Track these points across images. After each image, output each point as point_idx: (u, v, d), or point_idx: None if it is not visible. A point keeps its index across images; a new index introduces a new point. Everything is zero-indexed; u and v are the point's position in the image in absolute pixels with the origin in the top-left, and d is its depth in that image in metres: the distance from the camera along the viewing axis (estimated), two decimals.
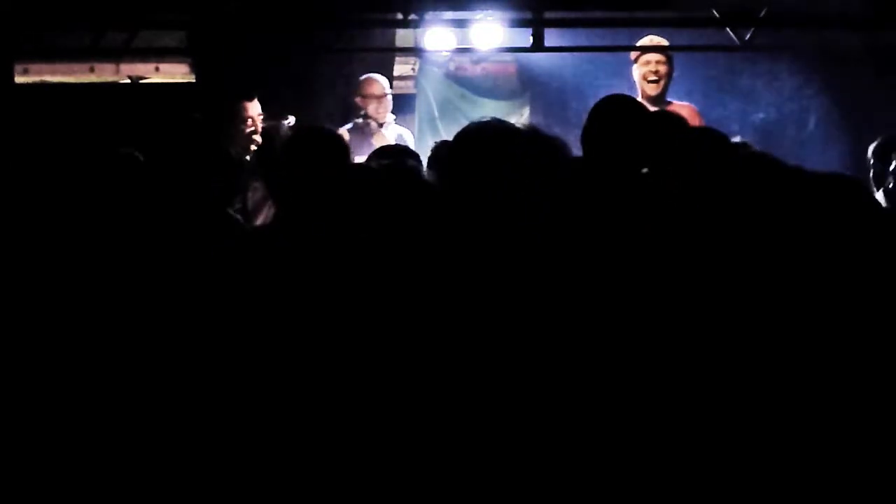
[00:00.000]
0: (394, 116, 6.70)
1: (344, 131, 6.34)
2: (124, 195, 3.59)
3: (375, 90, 6.59)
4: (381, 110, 6.56)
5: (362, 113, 6.56)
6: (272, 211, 5.32)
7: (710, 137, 3.49)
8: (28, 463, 3.08)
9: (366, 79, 6.69)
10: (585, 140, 3.56)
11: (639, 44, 6.33)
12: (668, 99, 6.18)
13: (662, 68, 6.10)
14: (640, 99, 5.70)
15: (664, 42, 6.34)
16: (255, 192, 5.72)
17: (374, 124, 6.50)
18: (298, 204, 3.63)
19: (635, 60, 6.25)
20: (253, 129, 6.10)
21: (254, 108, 6.16)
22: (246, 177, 5.62)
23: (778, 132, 6.96)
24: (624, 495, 2.73)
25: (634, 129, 3.48)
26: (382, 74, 6.82)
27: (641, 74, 6.13)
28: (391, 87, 7.32)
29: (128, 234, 3.44)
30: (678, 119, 3.79)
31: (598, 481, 2.72)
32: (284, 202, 3.97)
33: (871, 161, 5.07)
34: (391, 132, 6.56)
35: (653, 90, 6.09)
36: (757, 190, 3.18)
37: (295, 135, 4.08)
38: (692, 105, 6.21)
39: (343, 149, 3.75)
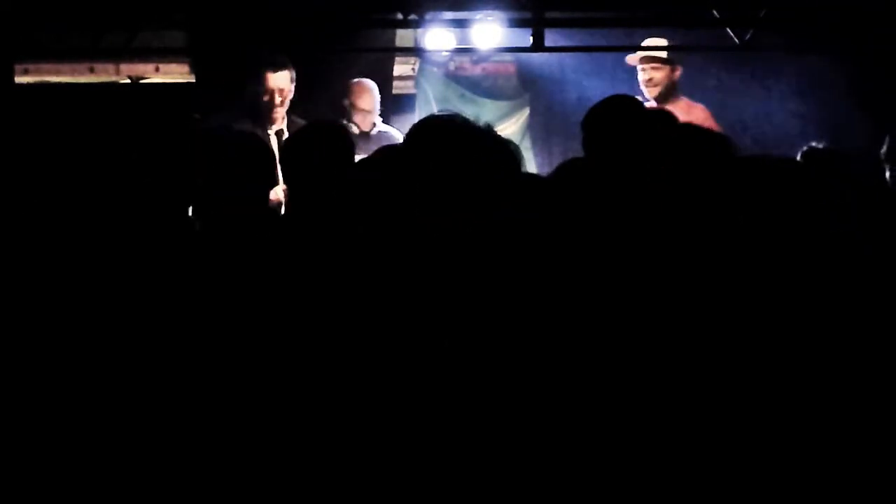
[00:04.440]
0: (380, 120, 6.61)
1: None
2: (124, 194, 3.59)
3: (365, 104, 6.48)
4: (366, 122, 6.47)
5: (345, 121, 6.38)
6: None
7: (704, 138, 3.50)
8: (28, 463, 3.08)
9: (357, 85, 6.56)
10: (585, 141, 3.56)
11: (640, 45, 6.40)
12: (682, 97, 6.29)
13: (656, 74, 6.28)
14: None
15: (662, 42, 6.39)
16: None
17: (355, 129, 6.36)
18: (304, 198, 3.64)
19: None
20: (273, 102, 5.92)
21: (277, 80, 5.97)
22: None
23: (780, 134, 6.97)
24: (624, 495, 2.73)
25: (634, 129, 3.48)
26: (382, 74, 6.80)
27: (641, 81, 6.27)
28: (391, 87, 7.30)
29: (129, 231, 3.44)
30: (673, 118, 3.80)
31: (597, 481, 2.72)
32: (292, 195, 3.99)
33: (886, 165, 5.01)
34: (376, 139, 6.32)
35: (651, 94, 6.33)
36: (755, 190, 3.18)
37: (301, 130, 4.07)
38: (703, 106, 6.26)
39: (348, 144, 3.73)
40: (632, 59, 6.51)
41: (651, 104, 6.18)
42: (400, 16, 6.46)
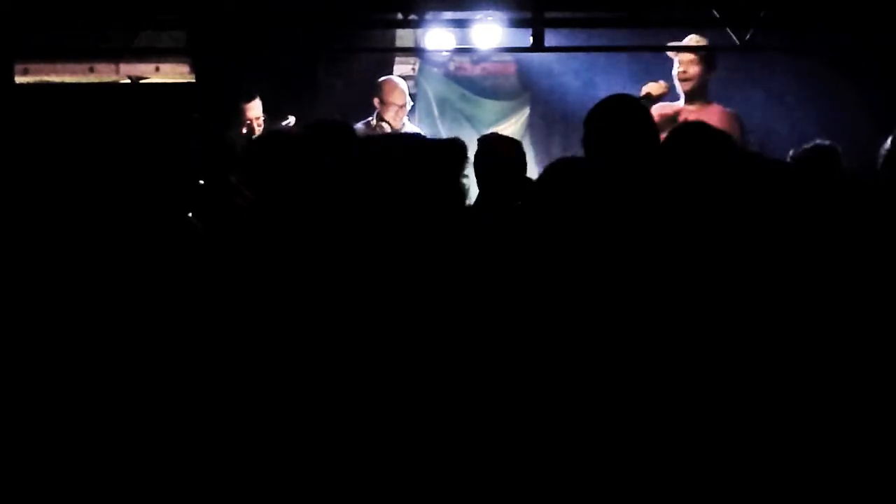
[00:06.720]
0: (408, 119, 6.63)
1: (359, 128, 6.32)
2: (124, 194, 3.59)
3: (397, 99, 6.46)
4: (398, 118, 6.46)
5: (377, 114, 6.46)
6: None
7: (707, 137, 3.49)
8: (28, 462, 3.08)
9: (388, 82, 6.55)
10: (586, 140, 3.56)
11: (683, 42, 6.45)
12: (710, 100, 6.30)
13: (692, 69, 6.32)
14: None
15: (704, 42, 6.44)
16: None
17: (387, 128, 6.40)
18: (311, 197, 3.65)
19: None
20: (252, 130, 6.15)
21: (253, 110, 6.20)
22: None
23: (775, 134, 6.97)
24: (623, 494, 2.73)
25: (634, 129, 3.48)
26: (382, 74, 6.80)
27: (675, 74, 6.34)
28: None
29: (129, 231, 3.45)
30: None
31: (597, 479, 2.72)
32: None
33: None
34: None
35: (683, 88, 6.39)
36: (755, 189, 3.18)
37: (305, 129, 4.07)
38: (731, 110, 6.26)
39: (353, 139, 3.73)
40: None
41: (679, 103, 6.26)
42: (400, 16, 6.45)
